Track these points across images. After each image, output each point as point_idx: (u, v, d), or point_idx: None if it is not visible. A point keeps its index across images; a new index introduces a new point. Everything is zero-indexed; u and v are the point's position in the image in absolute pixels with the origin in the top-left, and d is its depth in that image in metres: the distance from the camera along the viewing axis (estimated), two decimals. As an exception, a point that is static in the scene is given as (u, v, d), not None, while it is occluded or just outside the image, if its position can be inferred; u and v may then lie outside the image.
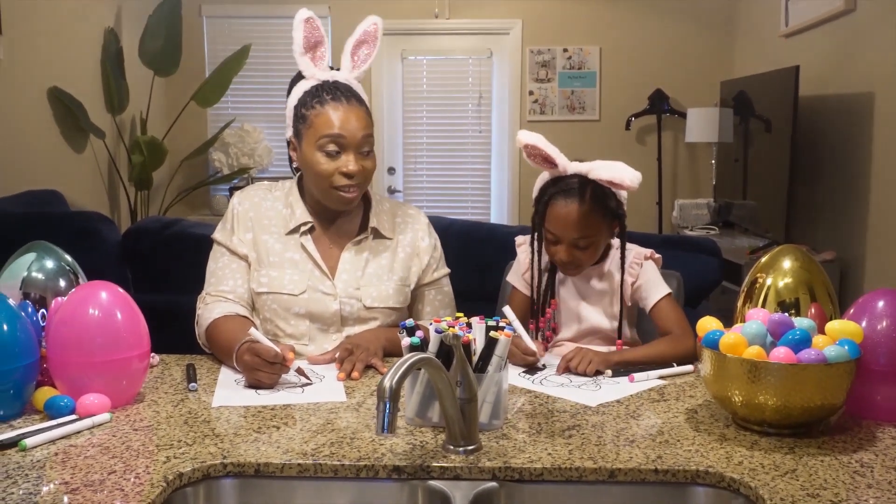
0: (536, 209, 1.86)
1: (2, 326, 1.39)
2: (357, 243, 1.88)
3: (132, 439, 1.32)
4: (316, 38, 1.82)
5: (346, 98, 1.78)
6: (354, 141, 1.76)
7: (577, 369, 1.66)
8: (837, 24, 3.90)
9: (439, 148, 5.90)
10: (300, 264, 1.84)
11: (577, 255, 1.81)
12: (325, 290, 1.83)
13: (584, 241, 1.80)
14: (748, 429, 1.36)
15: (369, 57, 1.86)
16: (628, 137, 5.67)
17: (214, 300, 1.83)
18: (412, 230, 1.94)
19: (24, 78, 4.04)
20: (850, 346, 1.33)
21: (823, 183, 4.06)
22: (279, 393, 1.55)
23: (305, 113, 1.79)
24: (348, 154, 1.77)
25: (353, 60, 1.85)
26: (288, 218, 1.87)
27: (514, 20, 5.68)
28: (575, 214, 1.77)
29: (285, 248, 1.85)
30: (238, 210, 1.89)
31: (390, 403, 1.14)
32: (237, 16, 5.77)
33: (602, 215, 1.79)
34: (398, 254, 1.91)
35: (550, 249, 1.85)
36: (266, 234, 1.86)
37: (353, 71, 1.85)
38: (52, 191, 3.84)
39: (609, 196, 1.79)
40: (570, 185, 1.79)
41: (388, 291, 1.86)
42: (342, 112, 1.76)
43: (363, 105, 1.81)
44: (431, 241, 1.96)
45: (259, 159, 5.59)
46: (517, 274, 1.97)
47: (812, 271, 1.58)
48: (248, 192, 1.93)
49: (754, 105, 4.57)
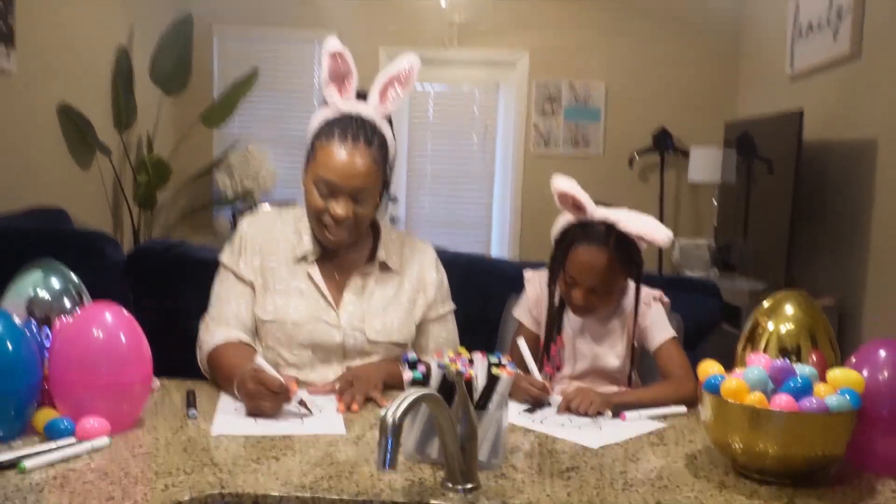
0: (557, 250, 1.85)
1: (6, 345, 1.38)
2: (364, 275, 1.87)
3: (131, 465, 1.32)
4: (343, 71, 1.79)
5: (354, 139, 1.74)
6: (347, 188, 1.74)
7: (578, 409, 1.66)
8: (843, 69, 3.94)
9: (443, 178, 5.93)
10: (306, 293, 1.84)
11: (593, 301, 1.83)
12: (329, 321, 1.83)
13: (602, 287, 1.81)
14: (748, 476, 1.36)
15: (398, 98, 1.81)
16: (631, 174, 5.70)
17: (217, 325, 1.83)
18: (419, 263, 1.94)
19: (35, 93, 4.07)
20: (852, 396, 1.33)
21: (825, 228, 4.08)
22: (279, 423, 1.54)
23: (315, 143, 1.79)
24: (339, 198, 1.75)
25: (381, 96, 1.81)
26: (296, 245, 1.86)
27: (521, 52, 5.73)
28: (598, 262, 1.78)
29: (292, 275, 1.85)
30: (247, 234, 1.89)
31: (392, 438, 1.14)
32: (248, 37, 5.82)
33: (622, 264, 1.81)
34: (404, 287, 1.90)
35: (566, 291, 1.85)
36: (274, 261, 1.86)
37: (378, 107, 1.81)
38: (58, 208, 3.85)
39: (632, 246, 1.81)
40: (597, 231, 1.80)
41: (393, 325, 1.86)
42: (345, 155, 1.73)
43: (372, 147, 1.76)
44: (438, 276, 1.95)
45: (262, 183, 5.61)
46: (524, 309, 1.97)
47: (814, 318, 1.59)
48: (259, 216, 1.93)
49: (758, 147, 4.60)
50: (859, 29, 3.74)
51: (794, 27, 4.48)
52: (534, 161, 5.74)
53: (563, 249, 1.83)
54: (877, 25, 3.62)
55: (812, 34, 4.22)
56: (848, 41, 3.78)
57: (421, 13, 5.65)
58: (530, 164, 5.75)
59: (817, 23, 4.15)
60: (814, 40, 4.20)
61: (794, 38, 4.47)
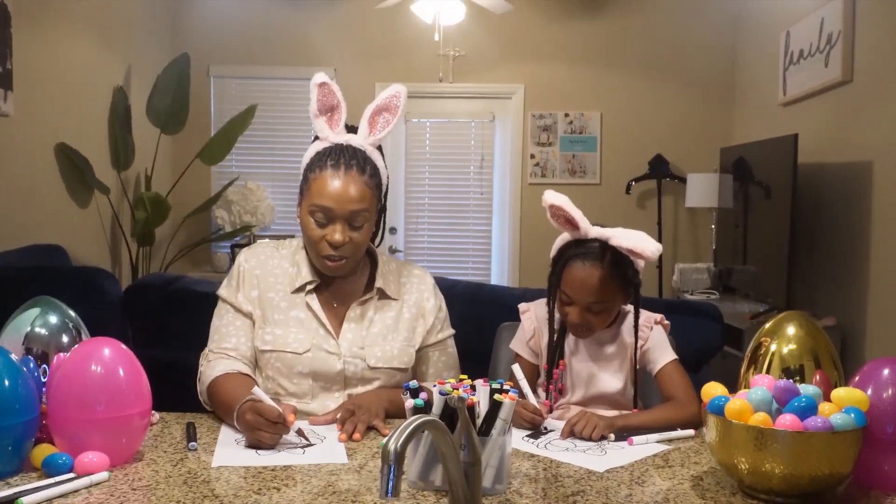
0: (553, 269, 1.86)
1: (3, 382, 1.38)
2: (362, 303, 1.87)
3: (130, 500, 1.30)
4: (331, 103, 1.83)
5: (346, 167, 1.77)
6: (343, 214, 1.76)
7: (581, 433, 1.65)
8: (835, 93, 3.97)
9: (441, 209, 5.94)
10: (305, 323, 1.84)
11: (589, 319, 1.82)
12: (329, 350, 1.82)
13: (598, 305, 1.80)
14: (755, 497, 1.34)
15: (388, 124, 1.85)
16: (629, 201, 5.72)
17: (217, 357, 1.82)
18: (418, 291, 1.94)
19: (33, 134, 4.09)
20: (857, 415, 1.32)
21: (823, 249, 4.08)
22: (280, 454, 1.53)
23: (308, 175, 1.81)
24: (335, 225, 1.77)
25: (370, 126, 1.85)
26: (294, 276, 1.87)
27: (516, 85, 5.78)
28: (592, 279, 1.78)
29: (290, 305, 1.85)
30: (245, 267, 1.89)
31: (395, 466, 1.13)
32: (244, 76, 5.87)
33: (618, 282, 1.80)
34: (403, 314, 1.90)
35: (563, 310, 1.85)
36: (272, 292, 1.86)
37: (368, 136, 1.84)
38: (56, 245, 3.85)
39: (627, 264, 1.80)
40: (590, 249, 1.80)
41: (393, 352, 1.85)
42: (338, 182, 1.76)
43: (364, 175, 1.78)
44: (437, 302, 1.95)
45: (262, 217, 5.63)
46: (521, 342, 1.97)
47: (816, 338, 1.57)
48: (255, 249, 1.94)
49: (754, 172, 4.62)
50: (850, 54, 3.78)
51: (785, 54, 4.52)
52: (531, 191, 5.77)
53: (560, 268, 1.83)
54: (867, 50, 3.66)
55: (804, 61, 4.27)
56: (839, 66, 3.82)
57: (416, 48, 5.70)
58: (528, 193, 5.77)
59: (808, 50, 4.19)
60: (806, 67, 4.24)
61: (786, 65, 4.52)
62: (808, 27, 4.21)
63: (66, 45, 4.42)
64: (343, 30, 5.77)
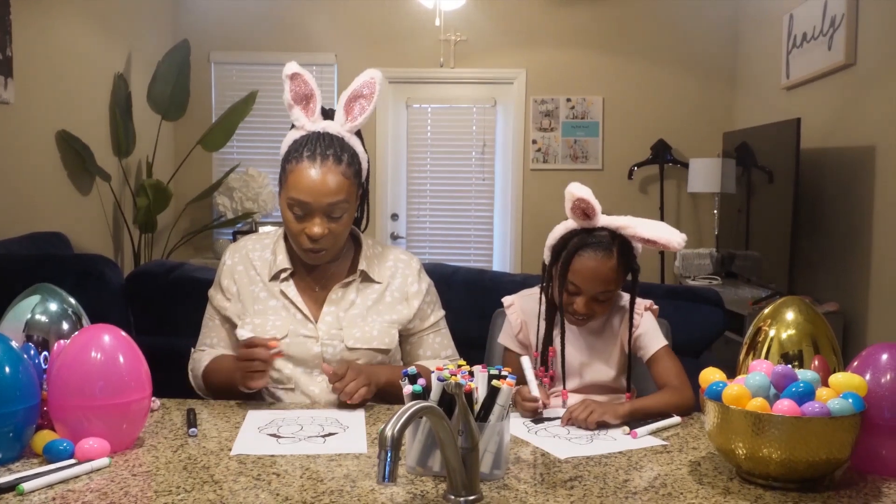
0: (557, 258, 1.81)
1: (3, 369, 1.39)
2: (345, 286, 1.89)
3: (130, 485, 1.31)
4: (305, 92, 1.82)
5: (323, 157, 1.76)
6: (319, 207, 1.75)
7: (578, 419, 1.65)
8: (838, 77, 3.95)
9: (443, 195, 5.94)
10: (281, 310, 1.86)
11: (595, 308, 1.81)
12: (306, 334, 1.84)
13: (605, 294, 1.80)
14: (753, 482, 1.35)
15: (364, 111, 1.82)
16: (631, 187, 5.71)
17: (201, 353, 1.93)
18: (402, 275, 1.95)
19: (34, 121, 4.09)
20: (855, 400, 1.32)
21: (826, 234, 4.07)
22: (300, 443, 1.52)
23: (286, 166, 1.80)
24: (313, 218, 1.77)
25: (346, 112, 1.83)
26: (272, 264, 1.90)
27: (518, 70, 5.75)
28: (603, 268, 1.76)
29: (270, 294, 1.88)
30: (227, 265, 1.94)
31: (392, 452, 1.13)
32: (245, 63, 5.85)
33: (624, 270, 1.80)
34: (385, 297, 1.91)
35: (568, 300, 1.82)
36: (253, 285, 1.90)
37: (346, 123, 1.82)
38: (57, 233, 3.86)
39: (631, 252, 1.80)
40: (601, 238, 1.77)
41: (372, 333, 1.86)
42: (314, 175, 1.75)
43: (342, 164, 1.77)
44: (422, 286, 1.95)
45: (263, 204, 5.63)
46: (509, 336, 1.95)
47: (816, 323, 1.57)
48: (239, 244, 1.98)
49: (756, 156, 4.60)
50: (854, 37, 3.75)
51: (788, 38, 4.49)
52: (533, 176, 5.75)
53: (567, 257, 1.78)
54: (871, 33, 3.64)
55: (807, 44, 4.24)
56: (843, 50, 3.80)
57: (417, 33, 5.68)
58: (529, 179, 5.76)
59: (812, 33, 4.17)
60: (809, 50, 4.21)
61: (789, 49, 4.49)
62: (811, 10, 4.19)
63: (67, 32, 4.41)
64: (343, 15, 5.74)
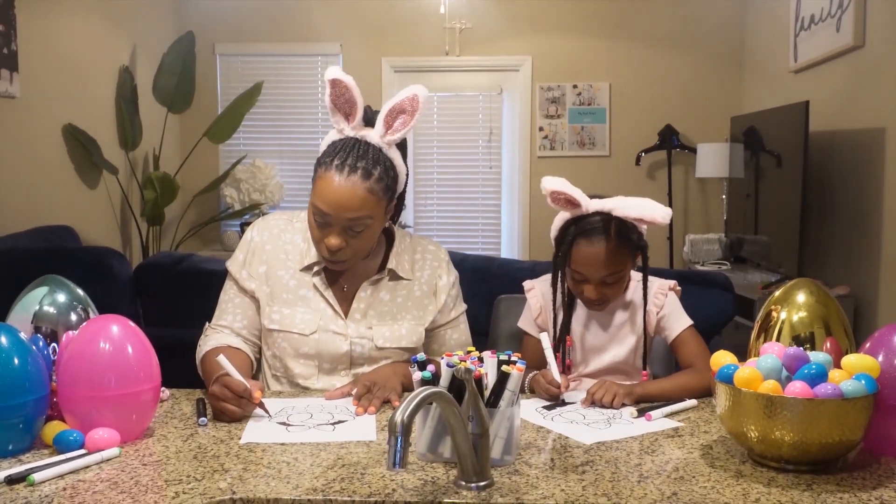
0: (559, 250, 1.83)
1: (13, 360, 1.38)
2: (374, 283, 1.85)
3: (141, 474, 1.31)
4: (348, 98, 1.73)
5: (351, 169, 1.68)
6: (339, 221, 1.70)
7: (602, 401, 1.64)
8: (846, 59, 3.92)
9: (450, 183, 5.93)
10: (312, 303, 1.82)
11: (606, 292, 1.81)
12: (336, 330, 1.81)
13: (612, 277, 1.79)
14: (765, 465, 1.34)
15: (405, 125, 1.73)
16: (639, 173, 5.68)
17: (213, 332, 1.85)
18: (431, 267, 1.91)
19: (40, 115, 4.09)
20: (868, 381, 1.31)
21: (835, 218, 4.05)
22: (309, 431, 1.52)
23: (317, 169, 1.74)
24: (333, 228, 1.71)
25: (385, 126, 1.73)
26: (304, 253, 1.85)
27: (524, 57, 5.73)
28: (602, 253, 1.76)
29: (299, 284, 1.83)
30: (256, 241, 1.87)
31: (402, 438, 1.13)
32: (250, 54, 5.84)
33: (627, 250, 1.79)
34: (414, 292, 1.88)
35: (578, 288, 1.83)
36: (282, 269, 1.84)
37: (385, 135, 1.74)
38: (65, 226, 3.87)
39: (631, 230, 1.79)
40: (594, 224, 1.78)
41: (402, 332, 1.84)
42: (339, 187, 1.67)
43: (369, 180, 1.69)
44: (450, 279, 1.92)
45: (270, 195, 5.63)
46: (529, 320, 1.95)
47: (827, 305, 1.56)
48: (269, 221, 1.90)
49: (764, 140, 4.57)
50: (862, 19, 3.72)
51: (796, 20, 4.46)
52: (540, 164, 5.73)
53: (566, 248, 1.80)
54: (879, 15, 3.60)
55: (815, 26, 4.20)
56: (851, 32, 3.76)
57: (422, 22, 5.66)
58: (537, 166, 5.74)
59: (820, 15, 4.13)
60: (817, 33, 4.18)
61: (797, 31, 4.45)
62: (818, -8, 4.15)
63: (71, 26, 4.40)
64: (348, 4, 5.72)
